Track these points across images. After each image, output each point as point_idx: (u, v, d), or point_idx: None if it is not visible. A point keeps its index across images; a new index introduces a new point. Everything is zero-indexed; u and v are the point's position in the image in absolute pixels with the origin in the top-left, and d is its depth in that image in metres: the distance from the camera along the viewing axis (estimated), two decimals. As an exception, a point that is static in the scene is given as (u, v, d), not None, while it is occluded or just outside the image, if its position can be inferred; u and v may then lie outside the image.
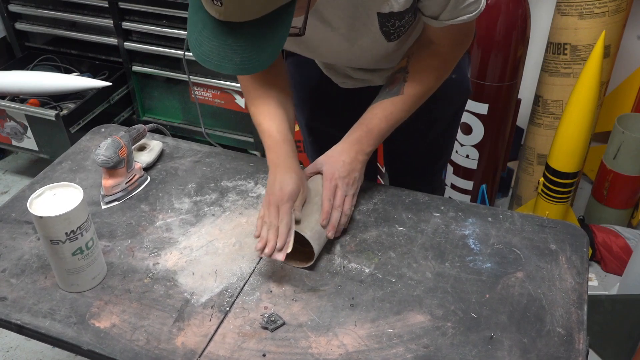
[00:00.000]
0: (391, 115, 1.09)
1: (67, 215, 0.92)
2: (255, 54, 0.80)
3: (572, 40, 1.81)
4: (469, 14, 0.98)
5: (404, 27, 1.04)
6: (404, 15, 1.00)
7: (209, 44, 0.80)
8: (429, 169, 1.50)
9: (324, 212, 1.04)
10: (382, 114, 1.10)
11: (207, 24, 0.80)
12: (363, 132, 1.10)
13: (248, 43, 0.79)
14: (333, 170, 1.08)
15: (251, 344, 0.92)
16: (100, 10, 2.38)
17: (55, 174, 1.29)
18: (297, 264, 1.05)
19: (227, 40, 0.79)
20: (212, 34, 0.80)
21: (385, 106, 1.10)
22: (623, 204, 2.11)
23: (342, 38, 1.06)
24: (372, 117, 1.11)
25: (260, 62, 0.81)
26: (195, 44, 0.81)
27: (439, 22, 1.00)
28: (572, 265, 1.04)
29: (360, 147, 1.10)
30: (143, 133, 1.29)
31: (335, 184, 1.07)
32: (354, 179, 1.09)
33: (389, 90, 1.10)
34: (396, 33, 1.04)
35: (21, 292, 1.01)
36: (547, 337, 0.92)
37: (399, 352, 0.90)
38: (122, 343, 0.92)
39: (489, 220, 1.14)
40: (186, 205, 1.20)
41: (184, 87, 2.46)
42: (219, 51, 0.80)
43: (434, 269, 1.04)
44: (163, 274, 1.04)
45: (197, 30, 0.81)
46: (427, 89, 1.10)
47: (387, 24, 1.01)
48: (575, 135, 1.77)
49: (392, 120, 1.10)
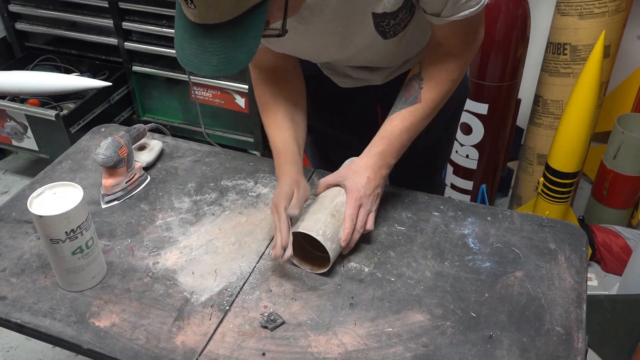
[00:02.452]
0: (411, 126, 1.08)
1: (67, 215, 0.92)
2: (230, 54, 0.82)
3: (572, 40, 1.81)
4: (470, 8, 0.97)
5: (399, 25, 1.04)
6: (397, 14, 1.01)
7: (189, 47, 0.82)
8: (428, 168, 1.50)
9: (345, 233, 1.03)
10: (402, 124, 1.08)
11: (187, 27, 0.82)
12: (386, 145, 1.09)
13: (223, 44, 0.81)
14: (358, 187, 1.06)
15: (251, 343, 0.92)
16: (100, 10, 2.38)
17: (56, 174, 1.29)
18: (313, 269, 1.05)
19: (204, 42, 0.81)
20: (190, 36, 0.82)
21: (404, 116, 1.08)
22: (623, 204, 2.11)
23: (338, 38, 1.07)
24: (392, 129, 1.09)
25: (236, 62, 0.82)
26: (178, 48, 0.84)
27: (441, 19, 1.00)
28: (571, 265, 1.04)
29: (384, 161, 1.09)
30: (143, 133, 1.30)
31: (359, 203, 1.05)
32: (377, 195, 1.08)
33: (406, 99, 1.09)
34: (392, 31, 1.04)
35: (21, 292, 1.01)
36: (546, 336, 0.92)
37: (398, 351, 0.90)
38: (122, 342, 0.92)
39: (488, 219, 1.14)
40: (186, 205, 1.20)
41: (184, 87, 2.46)
42: (197, 53, 0.82)
43: (434, 268, 1.04)
44: (163, 273, 1.04)
45: (180, 34, 0.84)
46: (444, 94, 1.09)
47: (382, 23, 1.02)
48: (575, 135, 1.77)
49: (413, 131, 1.09)
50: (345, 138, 1.45)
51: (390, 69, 1.25)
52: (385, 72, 1.26)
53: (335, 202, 1.06)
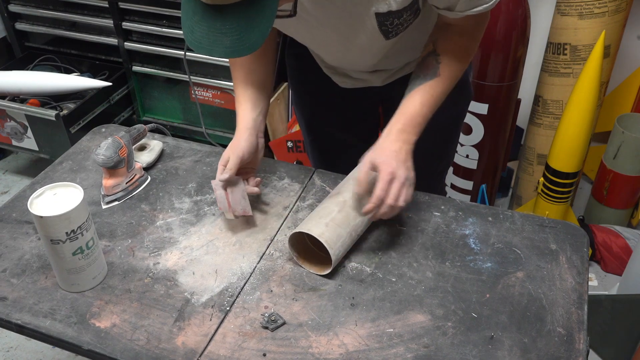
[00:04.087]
0: (432, 99, 1.05)
1: (68, 215, 0.92)
2: (244, 35, 0.80)
3: (572, 40, 1.81)
4: (485, 4, 0.96)
5: (402, 25, 1.03)
6: (402, 14, 1.00)
7: (200, 29, 0.81)
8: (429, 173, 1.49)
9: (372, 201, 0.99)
10: (423, 98, 1.04)
11: (197, 9, 0.80)
12: (407, 119, 1.04)
13: (236, 25, 0.79)
14: (389, 161, 1.00)
15: (251, 343, 0.92)
16: (100, 10, 2.38)
17: (56, 174, 1.29)
18: (313, 268, 1.05)
19: (216, 23, 0.79)
20: (201, 18, 0.80)
21: (425, 90, 1.05)
22: (623, 204, 2.11)
23: (338, 37, 1.06)
24: (412, 103, 1.05)
25: (250, 43, 0.81)
26: (188, 31, 0.82)
27: (454, 14, 0.98)
28: (573, 265, 1.04)
29: (406, 136, 1.04)
30: (143, 133, 1.30)
31: (392, 175, 0.99)
32: (409, 167, 1.02)
33: (424, 75, 1.06)
34: (394, 31, 1.04)
35: (22, 292, 1.01)
36: (548, 336, 0.92)
37: (400, 352, 0.90)
38: (122, 343, 0.92)
39: (489, 220, 1.14)
40: (186, 205, 1.20)
41: (184, 87, 2.46)
42: (209, 35, 0.81)
43: (435, 269, 1.04)
44: (163, 274, 1.04)
45: (189, 17, 0.82)
46: (461, 67, 1.07)
47: (385, 22, 1.01)
48: (575, 135, 1.77)
49: (434, 104, 1.05)
50: (346, 139, 1.45)
51: (389, 71, 1.25)
52: (384, 75, 1.25)
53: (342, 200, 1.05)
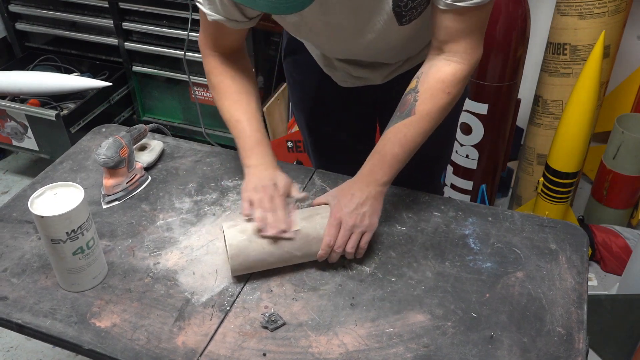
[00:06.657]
0: (405, 138, 1.02)
1: (68, 215, 0.92)
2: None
3: (571, 40, 1.81)
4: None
5: (415, 10, 1.00)
6: None
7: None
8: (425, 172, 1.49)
9: (322, 248, 1.01)
10: (395, 137, 1.02)
11: None
12: (376, 160, 1.04)
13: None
14: (340, 205, 1.01)
15: (251, 343, 0.92)
16: (100, 11, 2.38)
17: (57, 174, 1.29)
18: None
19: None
20: None
21: (398, 129, 1.03)
22: (623, 204, 2.11)
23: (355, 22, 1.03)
24: (384, 143, 1.04)
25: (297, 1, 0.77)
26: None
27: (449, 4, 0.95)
28: (572, 265, 1.04)
29: (373, 177, 1.03)
30: (144, 133, 1.30)
31: (339, 221, 1.00)
32: (362, 214, 1.01)
33: (401, 113, 1.04)
34: (408, 15, 1.00)
35: (22, 292, 1.01)
36: (547, 336, 0.92)
37: (399, 352, 0.90)
38: (122, 342, 0.92)
39: (489, 219, 1.14)
40: (187, 205, 1.20)
41: (184, 87, 2.46)
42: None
43: (434, 269, 1.04)
44: (164, 274, 1.04)
45: None
46: (440, 106, 1.02)
47: (400, 4, 0.98)
48: (575, 135, 1.77)
49: (407, 144, 1.03)
50: (345, 139, 1.45)
51: (391, 68, 1.25)
52: (385, 71, 1.25)
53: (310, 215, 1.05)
